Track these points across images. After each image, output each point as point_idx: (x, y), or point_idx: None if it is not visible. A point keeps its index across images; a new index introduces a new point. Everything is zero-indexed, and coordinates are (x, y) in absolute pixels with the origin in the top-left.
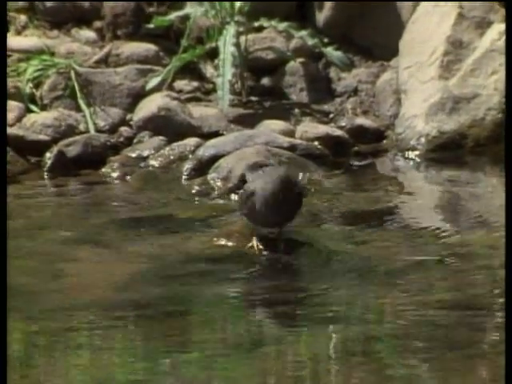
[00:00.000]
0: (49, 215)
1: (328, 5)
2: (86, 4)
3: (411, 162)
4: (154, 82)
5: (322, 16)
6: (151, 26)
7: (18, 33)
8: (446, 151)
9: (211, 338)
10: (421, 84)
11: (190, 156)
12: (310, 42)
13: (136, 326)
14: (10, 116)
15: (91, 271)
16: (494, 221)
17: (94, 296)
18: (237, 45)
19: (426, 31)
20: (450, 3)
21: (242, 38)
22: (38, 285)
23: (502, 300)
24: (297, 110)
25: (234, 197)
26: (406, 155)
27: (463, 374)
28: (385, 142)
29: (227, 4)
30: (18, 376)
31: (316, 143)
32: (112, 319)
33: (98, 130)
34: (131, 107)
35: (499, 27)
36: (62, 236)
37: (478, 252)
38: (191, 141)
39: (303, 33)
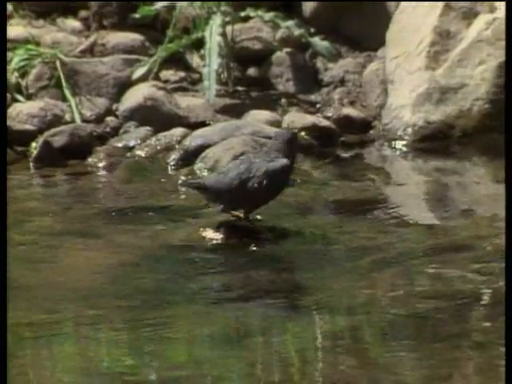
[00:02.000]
0: (35, 205)
1: None
2: None
3: (398, 152)
4: (140, 71)
5: (308, 6)
6: (137, 15)
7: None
8: (433, 141)
9: (196, 328)
10: (408, 74)
11: (177, 146)
12: (297, 32)
13: (121, 316)
14: None
15: (76, 261)
16: (480, 210)
17: (79, 286)
18: (223, 35)
19: (413, 22)
20: None
21: (229, 28)
22: (22, 275)
23: (488, 290)
24: (283, 100)
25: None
26: (393, 145)
27: (451, 365)
28: (372, 132)
29: None
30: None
31: (303, 133)
32: (97, 309)
33: (84, 120)
34: (117, 97)
35: (486, 17)
36: (47, 226)
37: (464, 242)
38: (178, 131)
39: (290, 23)
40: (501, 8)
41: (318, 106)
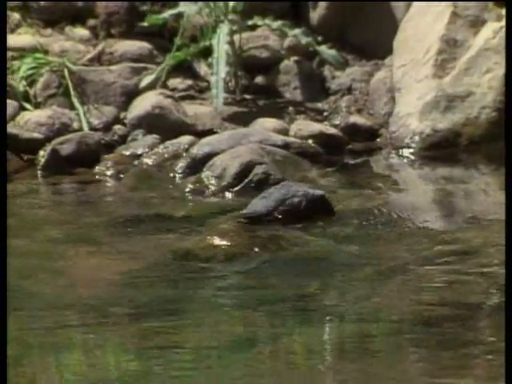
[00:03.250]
0: (42, 213)
1: (322, 3)
2: (80, 2)
3: (405, 160)
4: (147, 80)
5: (315, 15)
6: (145, 24)
7: (12, 31)
8: (440, 149)
9: (204, 337)
10: (415, 82)
11: (184, 154)
12: (304, 40)
13: (128, 325)
14: None
15: (83, 270)
16: (487, 218)
17: (86, 294)
18: (231, 43)
19: (420, 30)
20: (443, 2)
21: (236, 37)
22: (29, 283)
23: (496, 298)
24: (291, 109)
25: (228, 195)
26: (400, 153)
27: (456, 373)
28: (379, 140)
29: (221, 2)
30: (11, 375)
31: (310, 141)
32: (104, 318)
33: (92, 129)
34: (125, 105)
35: (493, 26)
36: (54, 235)
37: (471, 250)
38: (185, 139)
39: (297, 31)
40: None
41: (325, 114)
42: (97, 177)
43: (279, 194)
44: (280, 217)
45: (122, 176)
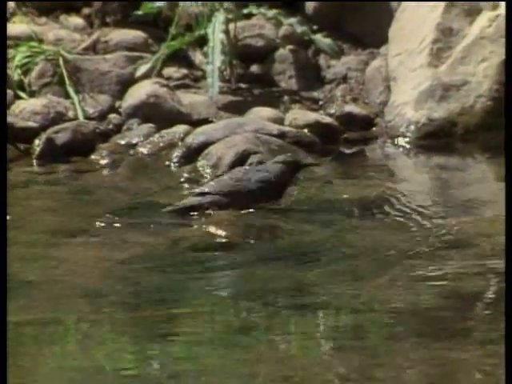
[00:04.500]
0: (38, 203)
1: None
2: None
3: (401, 149)
4: (143, 69)
5: (311, 3)
6: (140, 13)
7: (7, 20)
8: (436, 138)
9: (199, 326)
10: (410, 71)
11: (180, 143)
12: (299, 29)
13: (124, 314)
14: None
15: (80, 259)
16: (483, 208)
17: (84, 284)
18: (226, 32)
19: (416, 19)
20: None
21: (231, 25)
22: (25, 273)
23: (493, 287)
24: (286, 98)
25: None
26: (396, 142)
27: (454, 363)
28: (374, 129)
29: None
30: (7, 365)
31: (305, 130)
32: (101, 307)
33: (87, 117)
34: (120, 94)
35: (489, 14)
36: (51, 224)
37: (467, 239)
38: (180, 128)
39: (292, 20)
40: (503, 5)
41: (320, 103)
42: (92, 166)
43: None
44: (227, 200)
45: (117, 165)
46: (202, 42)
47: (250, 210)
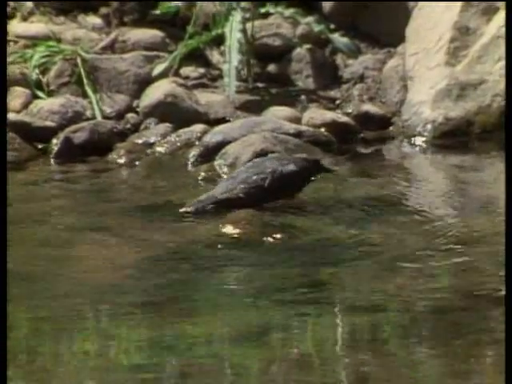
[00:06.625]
0: (55, 201)
1: None
2: None
3: (417, 149)
4: (160, 68)
5: (328, 2)
6: (157, 12)
7: (25, 19)
8: (453, 138)
9: (217, 324)
10: (427, 70)
11: (197, 142)
12: (317, 28)
13: (142, 312)
14: (17, 102)
15: (97, 257)
16: (498, 206)
17: (100, 282)
18: (243, 31)
19: (433, 18)
20: None
21: (249, 25)
22: (44, 271)
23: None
24: (303, 97)
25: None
26: (413, 142)
27: (470, 361)
28: (391, 128)
29: None
30: (24, 362)
31: (322, 130)
32: (118, 305)
33: (105, 117)
34: (138, 94)
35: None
36: (68, 222)
37: (483, 239)
38: (198, 127)
39: (309, 19)
40: None
41: (337, 102)
42: (109, 165)
43: (245, 174)
44: (242, 196)
45: (134, 164)
46: (220, 41)
47: (267, 207)
